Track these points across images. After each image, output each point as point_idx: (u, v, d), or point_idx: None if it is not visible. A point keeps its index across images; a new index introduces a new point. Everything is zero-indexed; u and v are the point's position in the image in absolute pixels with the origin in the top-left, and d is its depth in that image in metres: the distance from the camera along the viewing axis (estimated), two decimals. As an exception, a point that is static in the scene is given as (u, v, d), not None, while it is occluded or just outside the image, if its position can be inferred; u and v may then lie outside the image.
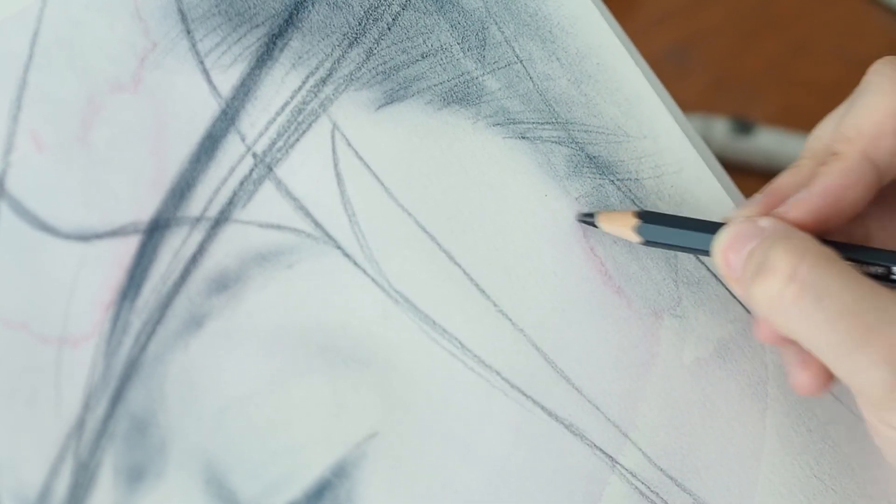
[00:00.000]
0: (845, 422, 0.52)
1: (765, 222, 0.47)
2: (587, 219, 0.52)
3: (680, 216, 0.51)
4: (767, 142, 0.76)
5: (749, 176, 0.74)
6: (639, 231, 0.50)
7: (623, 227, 0.51)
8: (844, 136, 0.48)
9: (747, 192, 0.55)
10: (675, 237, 0.50)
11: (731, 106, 0.77)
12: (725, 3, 0.81)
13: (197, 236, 0.49)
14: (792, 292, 0.44)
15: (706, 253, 0.48)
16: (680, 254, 0.52)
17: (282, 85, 0.50)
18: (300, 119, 0.50)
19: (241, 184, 0.49)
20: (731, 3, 0.81)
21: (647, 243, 0.50)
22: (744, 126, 0.75)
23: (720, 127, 0.76)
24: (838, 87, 0.78)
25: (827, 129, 0.50)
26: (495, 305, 0.50)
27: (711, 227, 0.48)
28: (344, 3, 0.52)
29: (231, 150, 0.50)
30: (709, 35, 0.79)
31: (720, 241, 0.47)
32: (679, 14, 0.80)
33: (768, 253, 0.45)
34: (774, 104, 0.78)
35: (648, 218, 0.50)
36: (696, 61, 0.79)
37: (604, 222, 0.51)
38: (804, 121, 0.76)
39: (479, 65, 0.53)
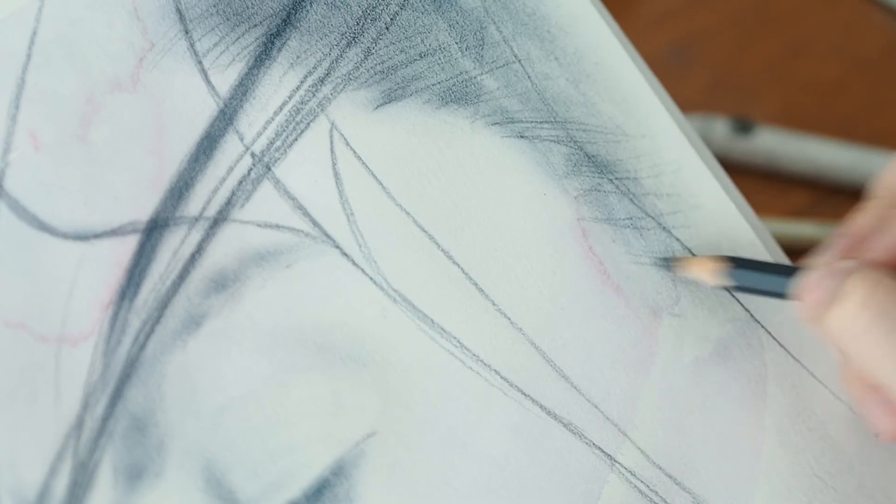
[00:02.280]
0: (845, 420, 0.52)
1: (846, 264, 0.47)
2: (664, 263, 0.52)
3: (760, 261, 0.51)
4: (767, 142, 0.76)
5: (749, 176, 0.74)
6: (721, 276, 0.50)
7: (703, 272, 0.51)
8: None
9: (747, 192, 0.55)
10: (755, 281, 0.50)
11: (731, 106, 0.77)
12: (725, 3, 0.81)
13: (195, 236, 0.49)
14: (865, 319, 0.44)
15: (783, 297, 0.49)
16: (678, 252, 0.52)
17: (280, 84, 0.51)
18: (298, 119, 0.50)
19: (240, 183, 0.49)
20: (731, 3, 0.81)
21: (726, 287, 0.51)
22: (744, 126, 0.75)
23: (720, 127, 0.76)
24: (838, 87, 0.78)
25: None
26: (494, 304, 0.50)
27: (791, 272, 0.49)
28: (342, 2, 0.52)
29: (229, 150, 0.50)
30: (709, 35, 0.79)
31: (801, 285, 0.47)
32: (679, 14, 0.80)
33: (844, 282, 0.45)
34: (774, 104, 0.78)
35: (732, 263, 0.50)
36: (696, 61, 0.78)
37: (682, 268, 0.52)
38: (804, 121, 0.77)
39: (478, 64, 0.53)
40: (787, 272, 0.49)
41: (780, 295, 0.49)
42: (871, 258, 0.48)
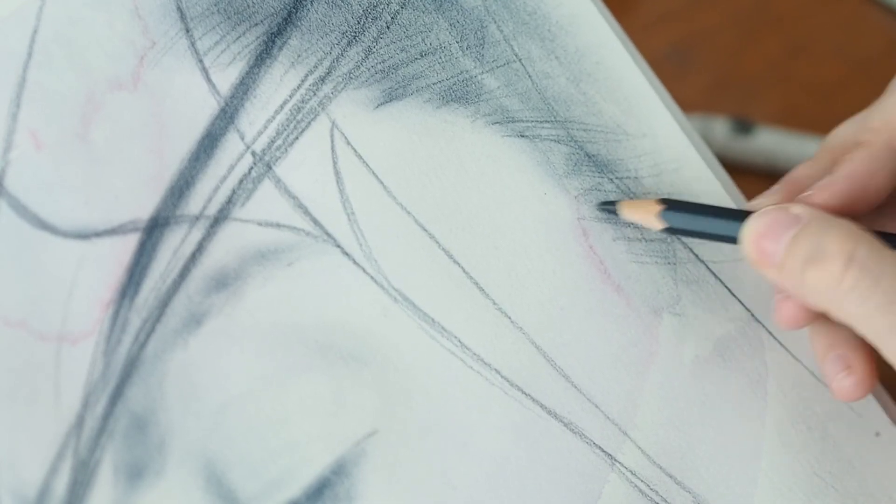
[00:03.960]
0: (845, 419, 0.52)
1: (797, 209, 0.47)
2: (608, 207, 0.52)
3: (703, 203, 0.51)
4: (767, 142, 0.76)
5: (749, 176, 0.74)
6: (662, 217, 0.50)
7: (646, 214, 0.51)
8: (870, 127, 0.49)
9: (747, 191, 0.55)
10: (699, 224, 0.50)
11: (731, 106, 0.77)
12: (725, 3, 0.81)
13: (196, 234, 0.49)
14: (851, 277, 0.44)
15: (731, 240, 0.48)
16: (679, 252, 0.52)
17: (281, 83, 0.50)
18: (299, 117, 0.50)
19: (241, 182, 0.49)
20: (731, 3, 0.81)
21: (669, 230, 0.50)
22: (744, 126, 0.75)
23: (720, 127, 0.76)
24: (838, 87, 0.78)
25: (847, 129, 0.50)
26: (494, 303, 0.50)
27: (737, 215, 0.48)
28: (343, 1, 0.52)
29: (230, 149, 0.50)
30: (709, 35, 0.79)
31: (752, 229, 0.47)
32: (679, 14, 0.80)
33: (821, 239, 0.45)
34: (774, 104, 0.78)
35: (671, 205, 0.50)
36: (696, 61, 0.78)
37: (625, 210, 0.51)
38: (804, 121, 0.76)
39: (478, 63, 0.53)
40: (734, 216, 0.49)
41: (725, 238, 0.49)
42: (817, 200, 0.48)
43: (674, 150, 0.53)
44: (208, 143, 0.49)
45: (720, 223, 0.49)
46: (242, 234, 0.49)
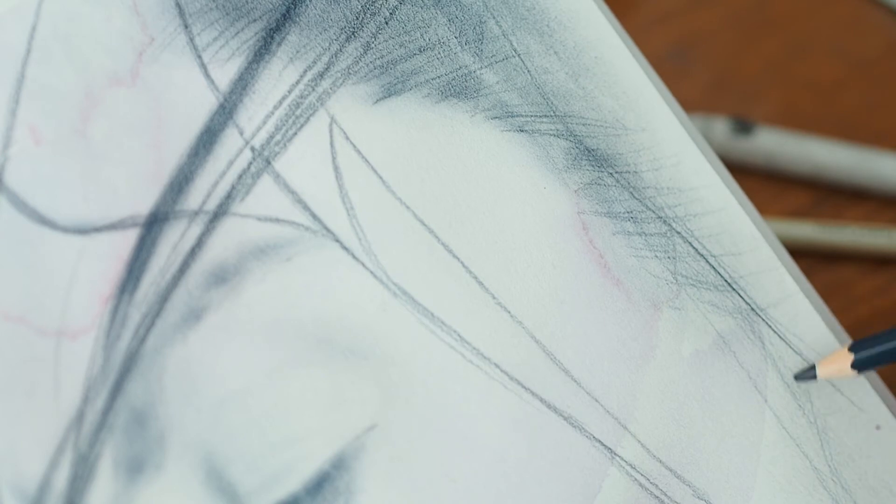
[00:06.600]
0: (846, 412, 0.52)
1: None
2: (807, 374, 0.52)
3: (888, 331, 0.51)
4: (767, 142, 0.76)
5: (749, 176, 0.74)
6: (856, 363, 0.51)
7: (843, 366, 0.51)
8: None
9: (747, 192, 0.55)
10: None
11: (731, 106, 0.77)
12: (725, 3, 0.81)
13: (195, 230, 0.49)
14: None
15: None
16: (679, 246, 0.52)
17: (279, 79, 0.51)
18: (298, 113, 0.50)
19: (240, 177, 0.49)
20: (731, 3, 0.81)
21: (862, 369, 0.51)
22: (744, 126, 0.75)
23: (720, 127, 0.76)
24: (838, 87, 0.78)
25: None
26: (494, 298, 0.50)
27: None
28: (341, -4, 0.52)
29: (229, 144, 0.50)
30: (709, 35, 0.79)
31: None
32: (679, 14, 0.80)
33: None
34: (774, 104, 0.78)
35: (860, 346, 0.51)
36: (696, 61, 0.79)
37: (822, 369, 0.51)
38: (804, 121, 0.77)
39: (477, 58, 0.53)
40: None
41: None
42: None
43: (673, 144, 0.53)
44: (207, 138, 0.50)
45: None
46: (241, 229, 0.49)
